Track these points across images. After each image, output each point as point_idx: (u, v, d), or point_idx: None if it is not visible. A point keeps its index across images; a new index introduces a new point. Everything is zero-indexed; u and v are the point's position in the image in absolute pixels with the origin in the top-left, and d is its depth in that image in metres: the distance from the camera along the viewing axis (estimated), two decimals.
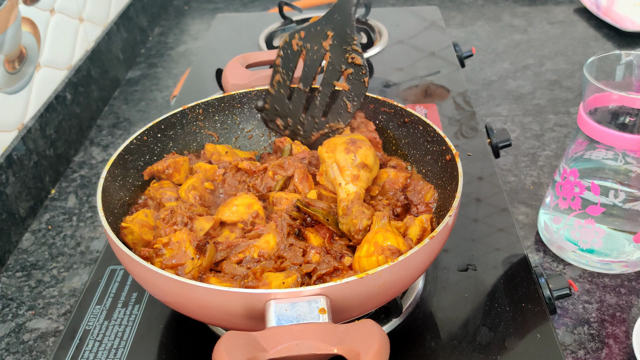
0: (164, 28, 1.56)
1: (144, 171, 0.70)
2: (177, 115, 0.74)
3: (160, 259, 0.55)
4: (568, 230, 0.76)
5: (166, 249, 0.56)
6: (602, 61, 0.71)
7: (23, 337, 0.73)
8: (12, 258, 0.85)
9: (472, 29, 1.48)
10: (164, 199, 0.65)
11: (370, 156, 0.62)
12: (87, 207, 0.94)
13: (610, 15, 1.44)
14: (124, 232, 0.60)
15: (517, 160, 1.00)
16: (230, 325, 0.51)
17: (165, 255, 0.55)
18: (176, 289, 0.50)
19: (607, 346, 0.68)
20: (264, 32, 1.25)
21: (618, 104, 0.67)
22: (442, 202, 0.66)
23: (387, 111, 0.73)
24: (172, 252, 0.55)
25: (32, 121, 0.94)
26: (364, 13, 1.27)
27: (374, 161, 0.63)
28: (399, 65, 1.11)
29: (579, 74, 1.26)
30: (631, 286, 0.75)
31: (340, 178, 0.61)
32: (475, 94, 1.20)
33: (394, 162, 0.71)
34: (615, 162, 0.70)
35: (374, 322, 0.45)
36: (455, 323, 0.62)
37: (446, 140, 0.65)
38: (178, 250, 0.55)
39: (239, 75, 0.80)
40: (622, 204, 0.70)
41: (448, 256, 0.70)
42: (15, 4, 0.90)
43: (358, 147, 0.62)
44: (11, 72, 0.89)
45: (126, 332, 0.62)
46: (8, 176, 0.86)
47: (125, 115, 1.18)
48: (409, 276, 0.53)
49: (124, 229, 0.60)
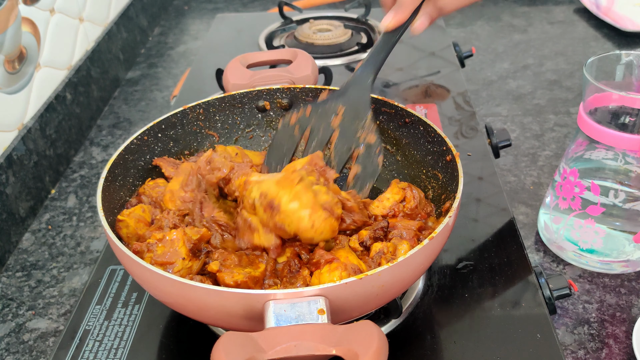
0: (164, 28, 1.56)
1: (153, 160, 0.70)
2: (178, 115, 0.74)
3: (150, 254, 0.55)
4: (568, 230, 0.76)
5: (158, 246, 0.55)
6: (602, 61, 0.71)
7: (23, 337, 0.73)
8: (12, 258, 0.85)
9: (472, 29, 1.48)
10: (159, 197, 0.65)
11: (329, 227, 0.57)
12: (87, 207, 0.94)
13: (610, 15, 1.44)
14: (119, 224, 0.60)
15: (517, 160, 1.00)
16: (229, 326, 0.51)
17: (157, 251, 0.55)
18: (176, 290, 0.50)
19: (607, 346, 0.68)
20: (264, 32, 1.25)
21: (618, 104, 0.67)
22: (442, 203, 0.66)
23: (388, 111, 0.73)
24: (163, 249, 0.55)
25: (32, 121, 0.94)
26: (364, 13, 1.27)
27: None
28: (399, 65, 1.11)
29: (579, 74, 1.26)
30: (631, 286, 0.75)
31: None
32: (475, 94, 1.20)
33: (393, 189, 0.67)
34: (615, 162, 0.70)
35: (373, 323, 0.45)
36: (455, 323, 0.62)
37: (447, 141, 0.65)
38: (170, 248, 0.55)
39: (240, 75, 0.80)
40: (622, 204, 0.70)
41: (448, 256, 0.70)
42: (15, 4, 0.90)
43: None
44: (11, 72, 0.89)
45: (126, 332, 0.62)
46: (8, 176, 0.86)
47: (125, 115, 1.18)
48: (409, 277, 0.53)
49: (120, 222, 0.60)
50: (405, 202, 0.64)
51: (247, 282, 0.53)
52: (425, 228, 0.63)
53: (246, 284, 0.53)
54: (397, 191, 0.65)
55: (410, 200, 0.64)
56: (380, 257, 0.57)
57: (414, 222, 0.62)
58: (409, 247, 0.58)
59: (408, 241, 0.59)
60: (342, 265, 0.54)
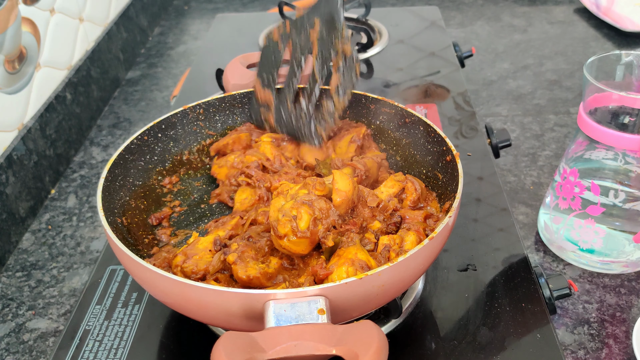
0: (164, 28, 1.56)
1: (211, 147, 0.75)
2: (178, 115, 0.74)
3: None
4: (568, 230, 0.76)
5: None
6: (602, 61, 0.71)
7: (23, 337, 0.73)
8: (12, 258, 0.85)
9: (472, 29, 1.48)
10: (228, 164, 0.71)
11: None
12: (87, 207, 0.94)
13: (610, 15, 1.44)
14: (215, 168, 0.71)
15: (517, 160, 1.00)
16: (229, 326, 0.51)
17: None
18: (175, 289, 0.50)
19: (607, 346, 0.68)
20: (264, 32, 1.25)
21: (618, 104, 0.67)
22: (442, 203, 0.66)
23: (388, 111, 0.73)
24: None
25: (32, 121, 0.94)
26: (364, 13, 1.27)
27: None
28: (399, 65, 1.11)
29: (579, 74, 1.26)
30: (631, 286, 0.75)
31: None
32: (475, 94, 1.20)
33: (397, 178, 0.68)
34: (615, 162, 0.70)
35: (373, 323, 0.45)
36: (455, 323, 0.62)
37: (447, 141, 0.65)
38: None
39: (240, 75, 0.80)
40: (622, 204, 0.70)
41: (448, 256, 0.70)
42: (15, 4, 0.90)
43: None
44: (11, 72, 0.89)
45: (126, 332, 0.62)
46: (8, 176, 0.86)
47: (125, 115, 1.18)
48: (409, 277, 0.53)
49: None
50: (407, 194, 0.64)
51: (259, 277, 0.54)
52: (431, 216, 0.63)
53: (258, 279, 0.54)
54: (392, 184, 0.65)
55: (412, 193, 0.64)
56: (388, 252, 0.57)
57: (420, 212, 0.63)
58: (416, 237, 0.58)
59: (415, 232, 0.59)
60: (349, 261, 0.54)
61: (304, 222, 0.54)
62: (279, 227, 0.55)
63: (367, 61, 1.14)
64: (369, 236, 0.59)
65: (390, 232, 0.61)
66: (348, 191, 0.58)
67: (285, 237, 0.54)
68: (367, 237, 0.59)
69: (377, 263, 0.56)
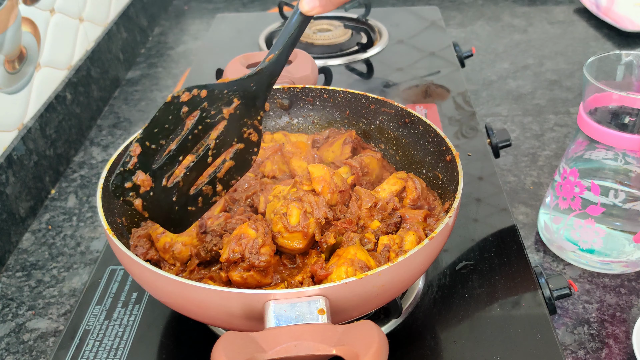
0: (163, 28, 1.56)
1: None
2: None
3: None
4: (568, 230, 0.76)
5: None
6: (602, 61, 0.71)
7: (23, 337, 0.73)
8: (12, 258, 0.85)
9: (472, 29, 1.48)
10: None
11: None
12: (87, 207, 0.94)
13: (610, 15, 1.44)
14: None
15: (517, 160, 1.00)
16: (229, 326, 0.51)
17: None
18: (175, 289, 0.50)
19: (607, 346, 0.68)
20: (264, 32, 1.25)
21: (618, 104, 0.67)
22: (442, 202, 0.66)
23: (388, 111, 0.73)
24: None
25: (32, 121, 0.94)
26: (364, 13, 1.27)
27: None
28: (399, 65, 1.11)
29: (579, 74, 1.26)
30: (631, 286, 0.75)
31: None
32: (475, 94, 1.20)
33: (399, 176, 0.67)
34: (615, 162, 0.70)
35: (373, 323, 0.45)
36: (455, 323, 0.62)
37: (447, 141, 0.65)
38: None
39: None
40: (622, 204, 0.70)
41: (448, 256, 0.70)
42: (15, 4, 0.90)
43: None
44: (11, 72, 0.89)
45: (126, 332, 0.62)
46: (8, 176, 0.86)
47: (125, 115, 1.18)
48: (409, 277, 0.53)
49: None
50: (407, 192, 0.65)
51: (253, 275, 0.55)
52: (432, 215, 0.63)
53: (252, 277, 0.55)
54: (394, 182, 0.65)
55: (412, 191, 0.64)
56: (388, 252, 0.57)
57: (420, 212, 0.63)
58: (415, 237, 0.58)
59: (415, 232, 0.59)
60: (349, 261, 0.54)
61: (294, 217, 0.57)
62: (272, 226, 0.58)
63: (367, 61, 1.14)
64: (368, 236, 0.59)
65: (390, 232, 0.61)
66: (324, 175, 0.61)
67: (279, 234, 0.57)
68: (367, 237, 0.59)
69: (376, 263, 0.56)
